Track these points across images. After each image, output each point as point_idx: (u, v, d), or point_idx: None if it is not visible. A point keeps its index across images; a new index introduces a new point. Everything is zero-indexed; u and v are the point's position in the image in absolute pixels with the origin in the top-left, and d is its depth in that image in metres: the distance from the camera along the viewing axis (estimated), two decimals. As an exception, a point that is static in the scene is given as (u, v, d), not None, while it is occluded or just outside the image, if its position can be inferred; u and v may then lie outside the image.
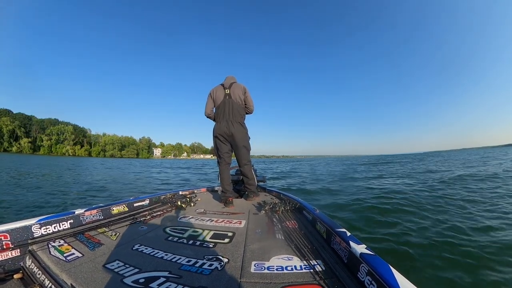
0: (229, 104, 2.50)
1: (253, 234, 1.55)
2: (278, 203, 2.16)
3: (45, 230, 1.46)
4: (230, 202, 2.38)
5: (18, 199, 5.14)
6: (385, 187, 6.35)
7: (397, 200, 4.58)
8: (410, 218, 3.50)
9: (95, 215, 1.78)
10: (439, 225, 3.15)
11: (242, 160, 2.63)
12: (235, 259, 1.19)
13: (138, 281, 0.99)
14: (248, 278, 1.02)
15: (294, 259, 1.18)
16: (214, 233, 1.57)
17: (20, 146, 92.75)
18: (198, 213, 2.09)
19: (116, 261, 1.16)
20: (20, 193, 5.85)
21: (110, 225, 1.71)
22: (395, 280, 0.78)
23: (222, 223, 1.79)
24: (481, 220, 3.28)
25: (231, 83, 2.58)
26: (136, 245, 1.37)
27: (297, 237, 1.41)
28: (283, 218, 1.83)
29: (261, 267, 1.10)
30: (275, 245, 1.36)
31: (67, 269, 1.08)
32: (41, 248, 1.29)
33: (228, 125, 2.48)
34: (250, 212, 2.13)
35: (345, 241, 1.14)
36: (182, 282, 0.98)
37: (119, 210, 1.99)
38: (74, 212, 1.66)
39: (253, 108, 2.68)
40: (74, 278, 1.01)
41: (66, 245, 1.33)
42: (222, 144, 2.57)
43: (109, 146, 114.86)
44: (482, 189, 5.59)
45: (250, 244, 1.37)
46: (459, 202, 4.37)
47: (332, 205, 4.66)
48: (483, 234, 2.81)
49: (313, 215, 1.68)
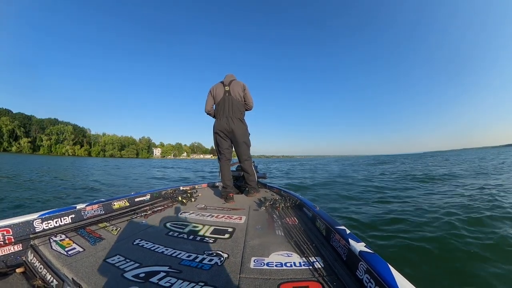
0: (229, 101, 2.53)
1: (253, 230, 1.56)
2: (279, 199, 2.16)
3: (46, 224, 1.47)
4: (231, 198, 2.40)
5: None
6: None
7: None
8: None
9: (96, 210, 1.80)
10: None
11: (242, 155, 2.66)
12: (235, 254, 1.19)
13: (138, 276, 1.00)
14: (247, 274, 1.02)
15: (294, 255, 1.19)
16: (215, 229, 1.58)
17: (19, 146, 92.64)
18: (198, 209, 2.11)
19: (117, 256, 1.17)
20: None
21: (111, 220, 1.72)
22: (393, 278, 0.78)
23: (223, 219, 1.80)
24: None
25: (231, 81, 2.60)
26: (137, 240, 1.38)
27: (297, 234, 1.41)
28: (283, 215, 1.84)
29: (261, 263, 1.11)
30: (275, 241, 1.37)
31: (69, 264, 1.09)
32: (43, 242, 1.30)
33: (228, 121, 2.51)
34: (251, 208, 2.14)
35: (345, 239, 1.14)
36: (182, 277, 0.98)
37: (120, 205, 2.01)
38: (76, 207, 1.67)
39: (253, 104, 2.71)
40: (75, 272, 1.02)
41: (67, 240, 1.35)
42: (222, 140, 2.59)
43: (109, 146, 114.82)
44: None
45: (250, 240, 1.38)
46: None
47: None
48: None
49: (313, 212, 1.68)
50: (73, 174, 12.14)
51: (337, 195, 5.63)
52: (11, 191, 6.06)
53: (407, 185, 6.87)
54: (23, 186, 7.02)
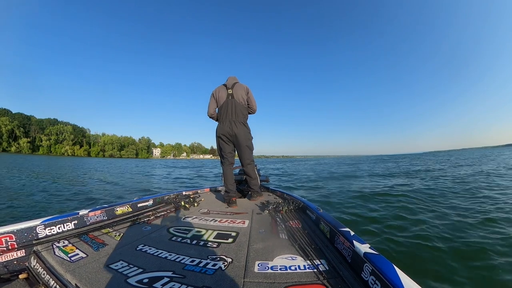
0: (232, 104, 2.50)
1: (257, 234, 1.55)
2: (282, 202, 2.16)
3: (49, 230, 1.46)
4: (234, 202, 2.39)
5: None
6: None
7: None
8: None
9: (99, 216, 1.79)
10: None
11: (245, 159, 2.64)
12: (238, 259, 1.19)
13: (142, 281, 0.99)
14: (251, 278, 1.02)
15: (298, 258, 1.18)
16: (218, 233, 1.57)
17: (19, 146, 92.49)
18: (201, 213, 2.10)
19: (120, 261, 1.16)
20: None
21: (114, 225, 1.71)
22: (399, 280, 0.78)
23: (226, 223, 1.79)
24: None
25: (234, 83, 2.57)
26: (140, 245, 1.37)
27: (301, 237, 1.41)
28: (287, 218, 1.83)
29: (265, 267, 1.10)
30: (278, 244, 1.36)
31: (72, 269, 1.09)
32: (46, 248, 1.29)
33: (231, 126, 2.48)
34: (254, 212, 2.13)
35: (349, 241, 1.13)
36: (186, 282, 0.98)
37: (123, 211, 2.00)
38: (78, 213, 1.66)
39: (256, 108, 2.68)
40: (78, 278, 1.01)
41: (70, 246, 1.34)
42: (225, 144, 2.57)
43: (108, 146, 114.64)
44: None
45: (253, 244, 1.37)
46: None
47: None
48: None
49: (317, 214, 1.67)
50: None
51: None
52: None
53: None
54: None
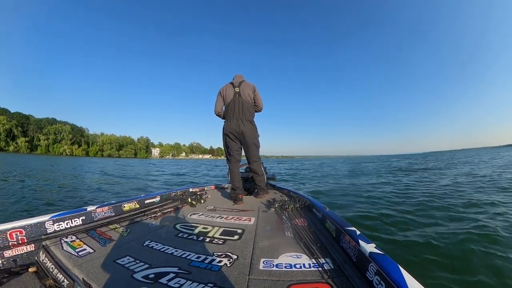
0: (239, 102, 2.52)
1: (263, 231, 1.56)
2: (288, 200, 2.17)
3: (58, 226, 1.49)
4: (240, 199, 2.41)
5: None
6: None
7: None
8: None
9: (107, 212, 1.81)
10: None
11: (252, 157, 2.66)
12: (244, 256, 1.20)
13: (148, 277, 1.00)
14: (256, 275, 1.02)
15: (303, 257, 1.19)
16: (224, 230, 1.58)
17: (17, 146, 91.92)
18: (208, 210, 2.11)
19: (126, 257, 1.18)
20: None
21: (121, 221, 1.73)
22: (403, 280, 0.77)
23: (232, 220, 1.81)
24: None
25: (240, 82, 2.59)
26: (147, 241, 1.38)
27: (306, 235, 1.42)
28: (293, 216, 1.84)
29: (270, 265, 1.11)
30: (284, 242, 1.37)
31: (79, 264, 1.11)
32: (54, 243, 1.32)
33: (238, 123, 2.51)
34: (260, 209, 2.14)
35: (355, 240, 1.13)
36: (191, 278, 0.99)
37: (130, 207, 2.02)
38: (86, 209, 1.68)
39: (262, 106, 2.72)
40: (85, 273, 1.03)
41: (78, 241, 1.36)
42: (232, 142, 2.60)
43: (107, 145, 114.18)
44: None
45: (259, 241, 1.38)
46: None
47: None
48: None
49: (323, 213, 1.68)
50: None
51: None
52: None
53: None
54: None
